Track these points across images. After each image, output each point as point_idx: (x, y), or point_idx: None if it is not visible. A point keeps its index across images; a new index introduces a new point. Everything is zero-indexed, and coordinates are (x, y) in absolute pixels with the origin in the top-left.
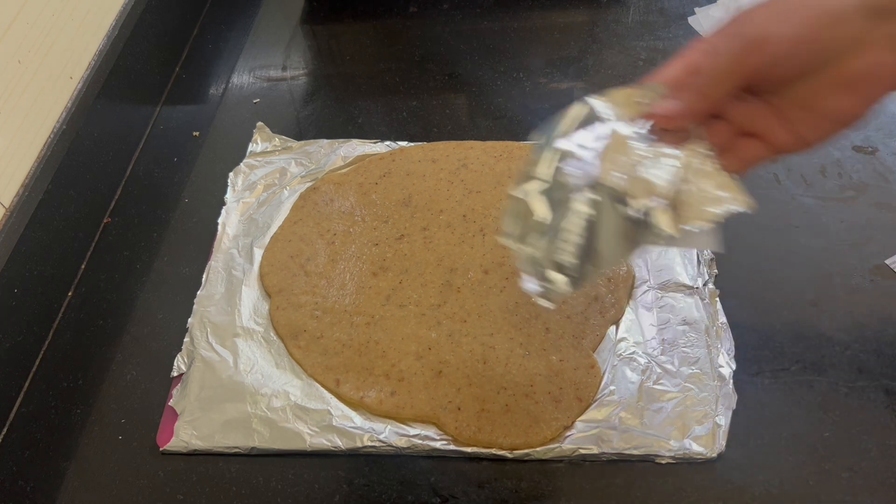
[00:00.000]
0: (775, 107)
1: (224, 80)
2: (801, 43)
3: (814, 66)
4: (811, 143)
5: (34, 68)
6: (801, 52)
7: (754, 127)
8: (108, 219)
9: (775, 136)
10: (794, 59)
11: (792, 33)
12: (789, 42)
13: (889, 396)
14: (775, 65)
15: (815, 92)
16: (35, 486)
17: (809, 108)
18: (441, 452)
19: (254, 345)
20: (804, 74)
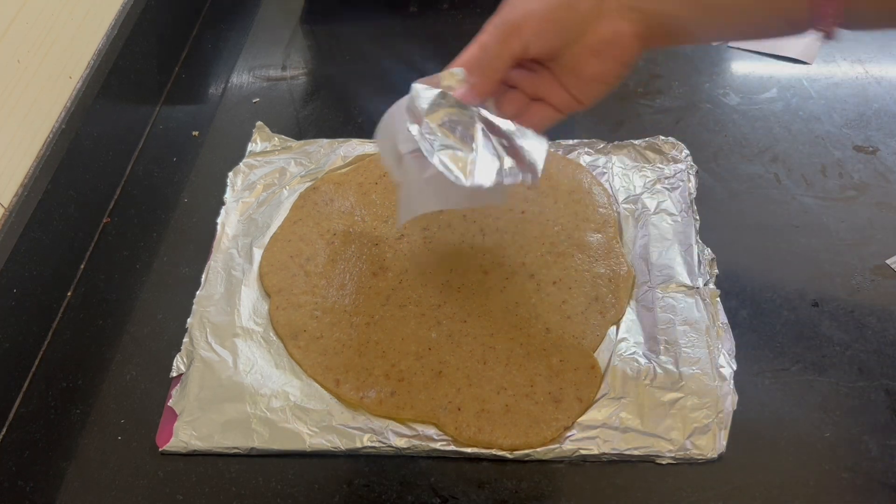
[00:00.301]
0: (555, 74)
1: (224, 79)
2: (547, 21)
3: (567, 39)
4: (585, 103)
5: (33, 68)
6: (550, 29)
7: (540, 93)
8: (108, 219)
9: (557, 99)
10: (547, 34)
11: (539, 14)
12: (538, 22)
13: (889, 396)
14: (534, 42)
15: (576, 60)
16: (35, 486)
17: (576, 73)
18: (441, 452)
19: (253, 345)
20: (564, 46)
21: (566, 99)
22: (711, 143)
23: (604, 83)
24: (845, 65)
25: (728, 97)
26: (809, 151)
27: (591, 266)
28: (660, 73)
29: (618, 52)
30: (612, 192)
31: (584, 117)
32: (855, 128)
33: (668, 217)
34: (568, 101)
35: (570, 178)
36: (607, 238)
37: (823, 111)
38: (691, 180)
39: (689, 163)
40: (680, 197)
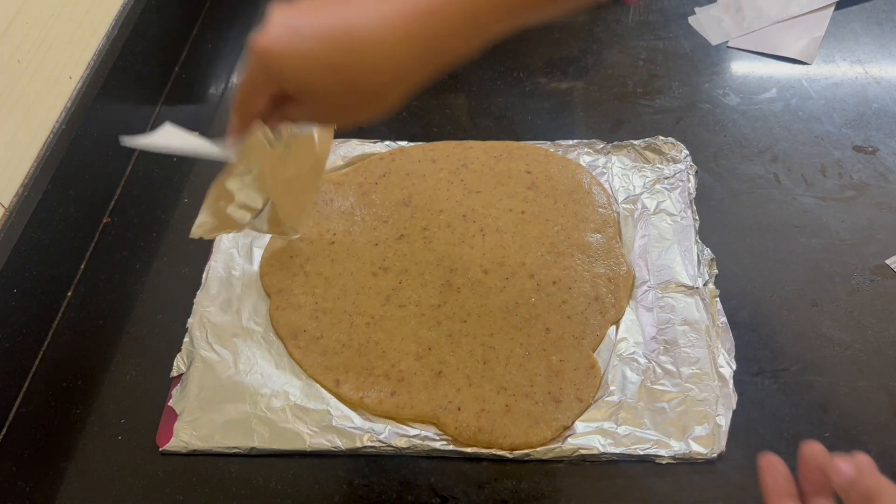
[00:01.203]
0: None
1: (224, 80)
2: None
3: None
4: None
5: (33, 68)
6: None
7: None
8: (108, 219)
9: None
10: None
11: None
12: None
13: (889, 396)
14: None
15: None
16: (35, 486)
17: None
18: (441, 452)
19: (253, 345)
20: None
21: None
22: (711, 143)
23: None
24: (845, 65)
25: (728, 97)
26: (809, 151)
27: (591, 266)
28: (659, 73)
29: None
30: (611, 193)
31: (584, 117)
32: (855, 128)
33: (668, 217)
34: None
35: (570, 178)
36: (607, 238)
37: (823, 111)
38: (691, 180)
39: (688, 163)
40: (679, 197)
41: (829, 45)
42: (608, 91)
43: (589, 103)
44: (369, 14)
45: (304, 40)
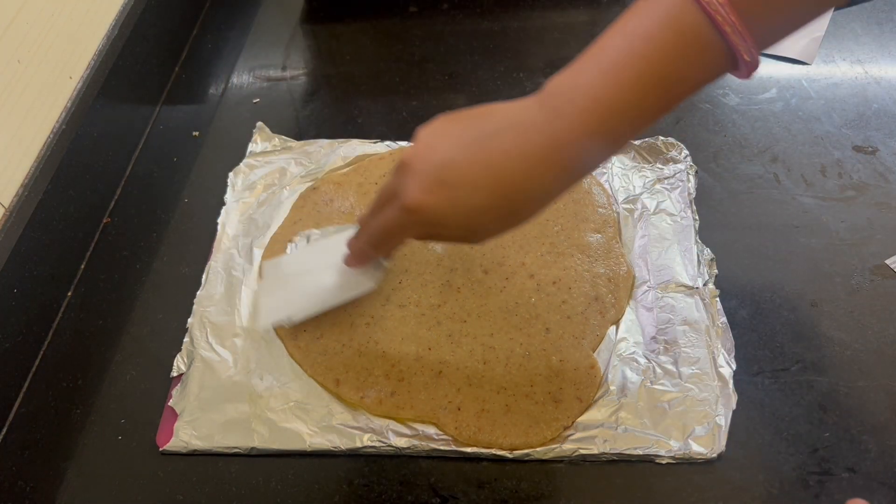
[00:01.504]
0: None
1: (224, 79)
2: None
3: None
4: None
5: (34, 68)
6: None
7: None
8: (108, 219)
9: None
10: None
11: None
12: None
13: (889, 396)
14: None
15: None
16: (35, 486)
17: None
18: (441, 452)
19: (253, 345)
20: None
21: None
22: (711, 143)
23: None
24: (845, 65)
25: (728, 97)
26: (809, 151)
27: (591, 266)
28: None
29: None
30: (611, 193)
31: None
32: (854, 128)
33: (668, 217)
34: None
35: None
36: (607, 238)
37: (823, 111)
38: (691, 180)
39: (688, 163)
40: (679, 197)
41: (829, 45)
42: None
43: None
44: (513, 151)
45: (453, 191)
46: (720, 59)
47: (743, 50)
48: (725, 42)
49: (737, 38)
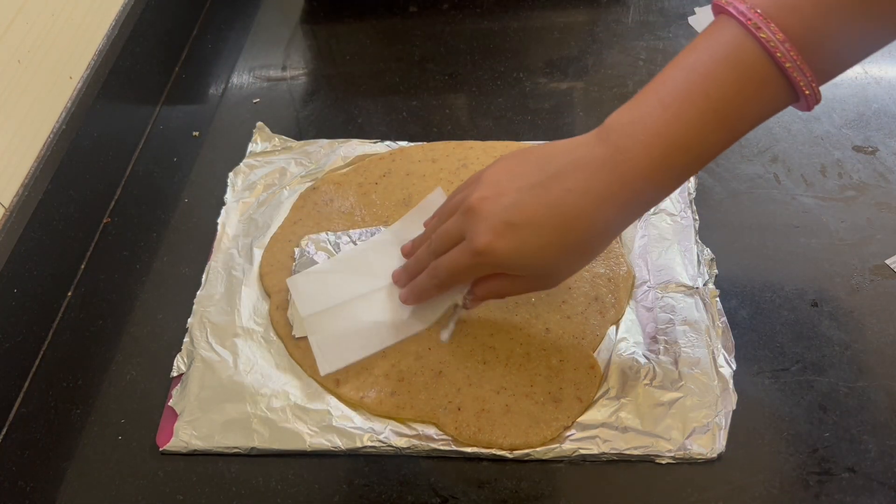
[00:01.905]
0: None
1: (224, 79)
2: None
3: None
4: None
5: (34, 68)
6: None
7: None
8: (108, 219)
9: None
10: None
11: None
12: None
13: (889, 396)
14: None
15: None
16: (35, 486)
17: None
18: (441, 452)
19: (253, 345)
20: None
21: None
22: None
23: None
24: None
25: None
26: (809, 151)
27: (591, 266)
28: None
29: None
30: None
31: (583, 117)
32: (854, 128)
33: (668, 217)
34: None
35: None
36: None
37: (823, 111)
38: (691, 180)
39: None
40: (679, 197)
41: None
42: (608, 91)
43: (589, 103)
44: (576, 189)
45: (521, 231)
46: (781, 93)
47: (803, 84)
48: (786, 77)
49: (797, 74)
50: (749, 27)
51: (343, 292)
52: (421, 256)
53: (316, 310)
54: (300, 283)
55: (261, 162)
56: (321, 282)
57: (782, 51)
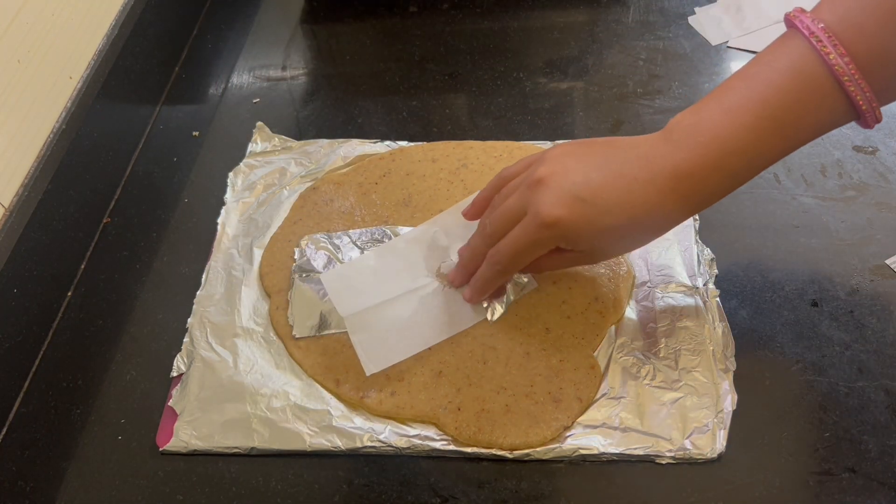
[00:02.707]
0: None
1: (224, 79)
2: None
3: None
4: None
5: (34, 68)
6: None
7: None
8: (108, 219)
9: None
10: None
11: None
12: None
13: (889, 396)
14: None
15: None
16: (35, 486)
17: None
18: (441, 452)
19: (253, 345)
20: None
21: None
22: None
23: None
24: None
25: None
26: (809, 151)
27: (591, 266)
28: (659, 73)
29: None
30: None
31: (583, 117)
32: (854, 128)
33: None
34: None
35: None
36: None
37: None
38: None
39: None
40: None
41: None
42: (608, 91)
43: (589, 103)
44: (640, 177)
45: (589, 208)
46: (839, 109)
47: (862, 103)
48: (845, 93)
49: (856, 91)
50: (813, 42)
51: (383, 290)
52: (476, 247)
53: (356, 309)
54: (335, 279)
55: (261, 162)
56: (357, 278)
57: (843, 68)
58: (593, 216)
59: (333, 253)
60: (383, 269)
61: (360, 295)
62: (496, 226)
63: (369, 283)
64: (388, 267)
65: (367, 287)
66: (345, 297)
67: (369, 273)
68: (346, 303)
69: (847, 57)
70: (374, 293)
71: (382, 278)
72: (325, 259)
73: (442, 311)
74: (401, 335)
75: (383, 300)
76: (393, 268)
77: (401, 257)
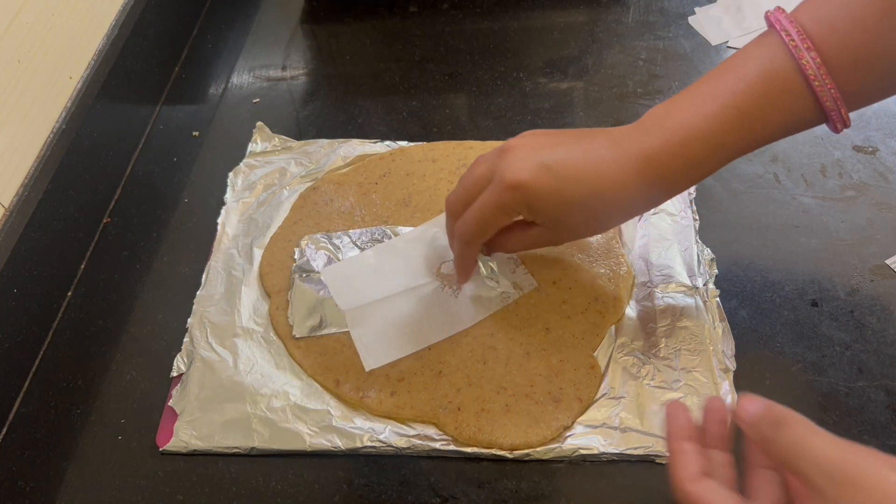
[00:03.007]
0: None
1: (224, 79)
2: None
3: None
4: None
5: (34, 68)
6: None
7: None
8: (108, 219)
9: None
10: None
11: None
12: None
13: (889, 396)
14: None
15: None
16: (35, 486)
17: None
18: (441, 452)
19: (253, 345)
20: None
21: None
22: None
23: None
24: None
25: None
26: (809, 151)
27: (591, 266)
28: (659, 73)
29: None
30: None
31: (583, 117)
32: (854, 128)
33: (668, 217)
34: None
35: None
36: (607, 238)
37: None
38: None
39: None
40: (679, 197)
41: None
42: (608, 91)
43: (589, 103)
44: (607, 157)
45: (554, 176)
46: (807, 109)
47: (828, 102)
48: (813, 93)
49: (822, 90)
50: (785, 39)
51: (383, 287)
52: (449, 228)
53: (356, 304)
54: (335, 274)
55: (261, 162)
56: (358, 275)
57: (812, 67)
58: (558, 185)
59: (333, 253)
60: (383, 268)
61: (359, 291)
62: (462, 193)
63: (369, 279)
64: (387, 265)
65: (367, 284)
66: (345, 292)
67: (369, 270)
68: (345, 298)
69: (818, 58)
70: (373, 290)
71: (382, 276)
72: (325, 259)
73: (442, 311)
74: (400, 332)
75: (383, 297)
76: (393, 266)
77: (401, 256)
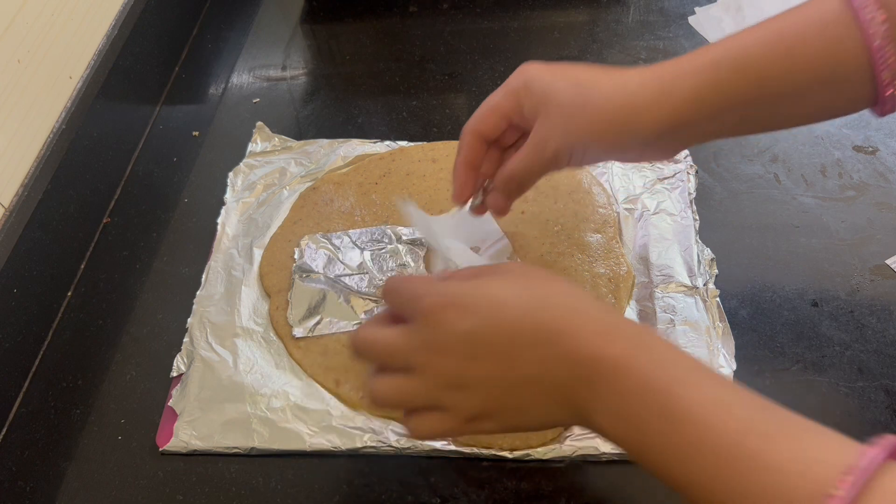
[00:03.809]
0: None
1: (224, 79)
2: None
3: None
4: None
5: (34, 68)
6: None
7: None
8: (108, 219)
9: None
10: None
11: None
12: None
13: (889, 396)
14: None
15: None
16: (35, 486)
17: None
18: (441, 452)
19: (253, 345)
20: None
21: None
22: (711, 143)
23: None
24: None
25: None
26: (809, 151)
27: (591, 266)
28: None
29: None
30: (611, 192)
31: None
32: (854, 128)
33: (668, 217)
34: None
35: (570, 178)
36: (607, 238)
37: None
38: (691, 180)
39: (688, 163)
40: (680, 197)
41: None
42: None
43: None
44: (609, 81)
45: (560, 74)
46: (856, 79)
47: (885, 72)
48: (869, 59)
49: (881, 59)
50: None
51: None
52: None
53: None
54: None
55: (261, 162)
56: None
57: (876, 27)
58: (566, 74)
59: (333, 253)
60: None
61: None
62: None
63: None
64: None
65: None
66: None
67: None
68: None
69: (886, 22)
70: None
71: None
72: (325, 259)
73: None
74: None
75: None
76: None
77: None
